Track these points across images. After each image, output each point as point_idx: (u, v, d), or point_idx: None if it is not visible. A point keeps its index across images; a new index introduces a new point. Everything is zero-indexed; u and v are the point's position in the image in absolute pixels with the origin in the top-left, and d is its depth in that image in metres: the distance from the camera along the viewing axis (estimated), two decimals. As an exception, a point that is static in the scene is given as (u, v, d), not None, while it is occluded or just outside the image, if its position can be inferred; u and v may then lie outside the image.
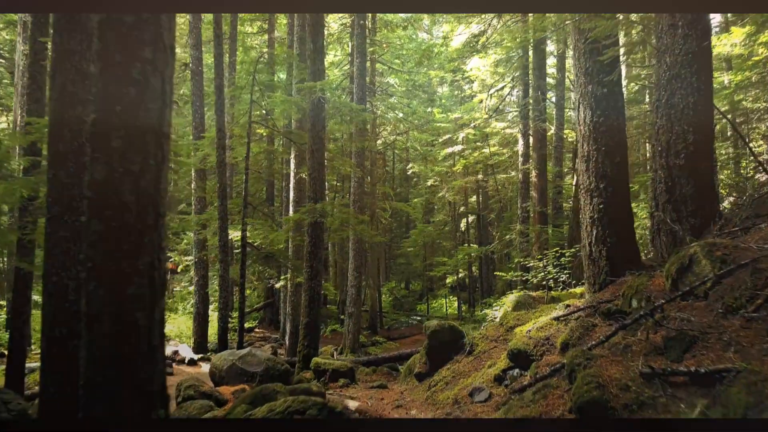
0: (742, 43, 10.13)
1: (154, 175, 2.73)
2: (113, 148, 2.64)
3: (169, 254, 23.05)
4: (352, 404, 5.86)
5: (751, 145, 12.10)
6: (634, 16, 7.64)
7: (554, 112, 16.50)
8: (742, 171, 13.28)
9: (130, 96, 2.66)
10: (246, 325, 18.26)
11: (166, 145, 2.81)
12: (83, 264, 2.73)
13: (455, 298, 22.97)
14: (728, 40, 9.96)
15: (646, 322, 3.62)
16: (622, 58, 7.53)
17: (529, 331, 5.56)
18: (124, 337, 2.67)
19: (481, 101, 18.40)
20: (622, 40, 8.06)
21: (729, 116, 11.28)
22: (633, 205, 7.74)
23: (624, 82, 11.57)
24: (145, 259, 2.72)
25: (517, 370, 5.01)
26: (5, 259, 14.26)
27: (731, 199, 9.80)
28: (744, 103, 12.18)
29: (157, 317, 2.77)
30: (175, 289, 23.27)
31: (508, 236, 16.59)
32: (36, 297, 9.18)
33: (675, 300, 3.76)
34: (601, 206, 5.98)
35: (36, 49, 6.87)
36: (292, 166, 14.08)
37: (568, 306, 5.82)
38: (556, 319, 5.53)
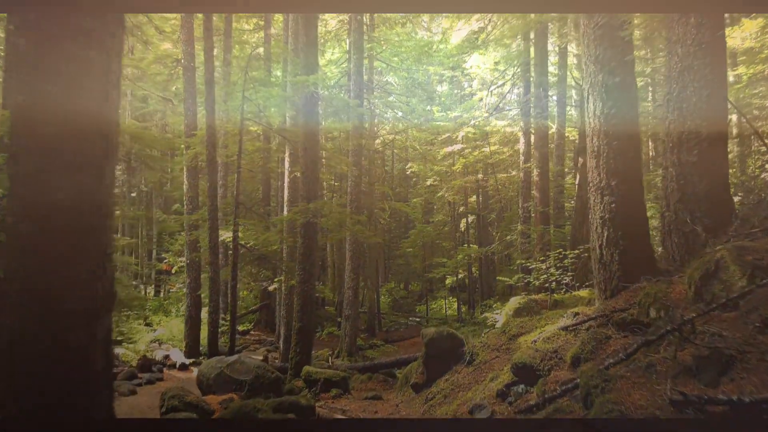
0: (753, 36, 9.76)
1: (96, 168, 2.31)
2: (44, 136, 2.21)
3: (163, 255, 22.69)
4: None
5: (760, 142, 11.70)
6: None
7: (555, 110, 16.09)
8: (748, 170, 12.94)
9: (67, 74, 2.24)
10: (241, 328, 17.83)
11: (112, 133, 2.38)
12: (13, 273, 2.30)
13: (455, 300, 22.57)
14: (739, 32, 9.60)
15: (673, 338, 3.18)
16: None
17: (535, 341, 5.12)
18: (60, 360, 2.24)
19: (481, 99, 18.01)
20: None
21: (740, 112, 10.87)
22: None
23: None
24: (86, 267, 2.29)
25: (521, 386, 4.56)
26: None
27: (736, 198, 9.42)
28: (753, 99, 11.80)
29: (100, 336, 2.34)
30: (170, 290, 22.93)
31: (509, 237, 16.18)
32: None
33: (708, 313, 3.31)
34: (612, 205, 5.53)
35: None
36: (287, 164, 13.65)
37: (576, 314, 5.37)
38: (564, 328, 5.09)
